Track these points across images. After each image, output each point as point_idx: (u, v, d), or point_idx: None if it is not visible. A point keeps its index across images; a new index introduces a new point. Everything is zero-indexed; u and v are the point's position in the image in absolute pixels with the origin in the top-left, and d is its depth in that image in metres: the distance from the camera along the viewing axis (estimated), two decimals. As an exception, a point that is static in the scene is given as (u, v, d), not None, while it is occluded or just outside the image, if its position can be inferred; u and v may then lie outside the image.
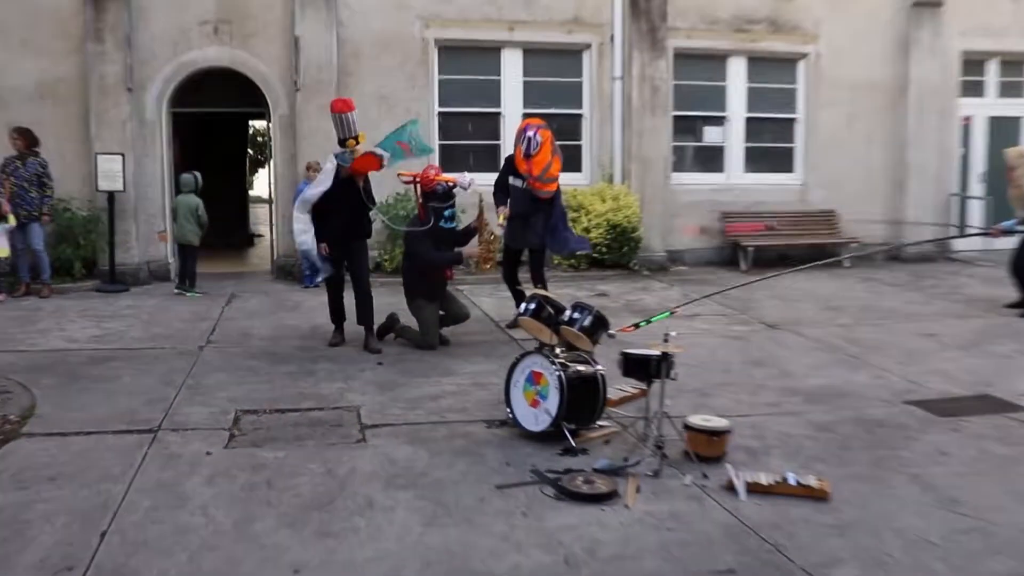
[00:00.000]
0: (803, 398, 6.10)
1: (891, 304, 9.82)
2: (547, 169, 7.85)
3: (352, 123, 7.06)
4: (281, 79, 11.44)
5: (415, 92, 11.84)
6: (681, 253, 13.03)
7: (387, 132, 11.46)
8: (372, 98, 11.67)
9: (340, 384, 6.35)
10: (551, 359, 5.11)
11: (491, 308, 9.50)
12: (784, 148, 13.57)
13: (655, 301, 10.02)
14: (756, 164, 13.49)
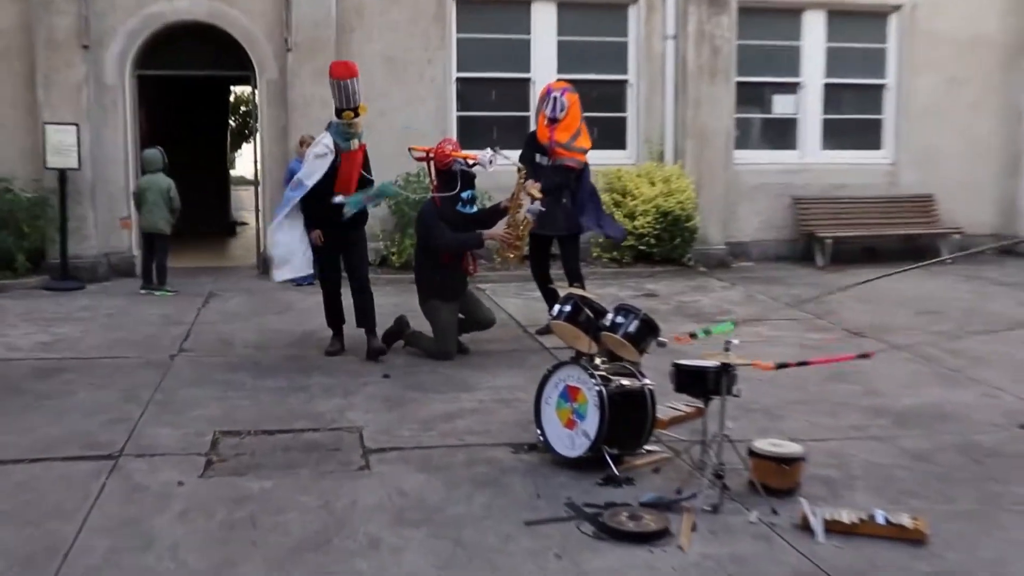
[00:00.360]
0: (894, 420, 6.08)
1: (1002, 307, 9.74)
2: (577, 135, 7.90)
3: (353, 92, 7.06)
4: (269, 36, 11.55)
5: (429, 54, 11.93)
6: (745, 246, 13.02)
7: (396, 102, 11.73)
8: (378, 60, 11.77)
9: (339, 400, 6.41)
10: (590, 371, 5.14)
11: (518, 311, 9.54)
12: (870, 120, 13.53)
13: (713, 303, 10.01)
14: (836, 140, 13.46)
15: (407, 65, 11.86)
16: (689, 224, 11.82)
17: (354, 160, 7.32)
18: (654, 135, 12.54)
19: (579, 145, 7.97)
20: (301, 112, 11.37)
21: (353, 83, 7.05)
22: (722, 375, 4.88)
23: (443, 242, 7.35)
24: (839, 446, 5.60)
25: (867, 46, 13.35)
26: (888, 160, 13.55)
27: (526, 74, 12.43)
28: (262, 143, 11.84)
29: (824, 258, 12.48)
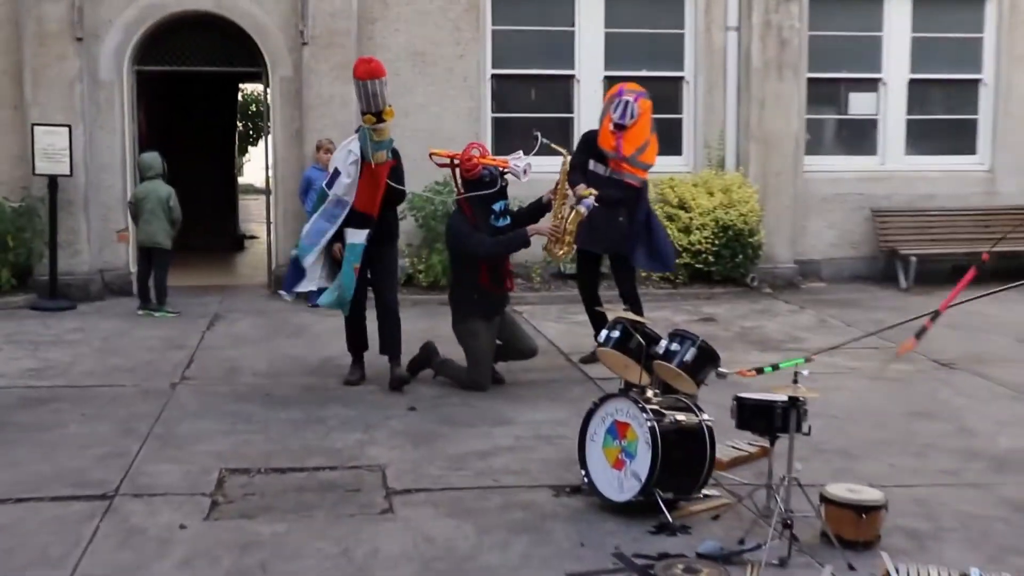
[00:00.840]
0: (990, 464, 6.06)
1: (1116, 336, 9.66)
2: (643, 149, 7.94)
3: (376, 94, 7.05)
4: (283, 28, 11.74)
5: (460, 48, 12.06)
6: (816, 264, 12.98)
7: (423, 100, 11.86)
8: (403, 55, 11.92)
9: (359, 435, 6.49)
10: (641, 405, 5.17)
11: (560, 336, 9.58)
12: (962, 121, 13.47)
13: (780, 329, 10.00)
14: (922, 143, 13.41)
15: (436, 60, 11.99)
16: (752, 239, 11.81)
17: (379, 174, 7.30)
18: (713, 139, 12.57)
19: (644, 160, 8.02)
20: (318, 113, 11.53)
21: (376, 84, 7.03)
22: (790, 410, 4.90)
23: (485, 249, 7.39)
24: (927, 493, 5.58)
25: (959, 36, 13.29)
26: (983, 166, 13.47)
27: (570, 71, 12.51)
28: (274, 148, 12.00)
29: (908, 279, 12.41)
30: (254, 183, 35.29)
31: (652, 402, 5.25)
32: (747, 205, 11.76)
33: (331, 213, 7.41)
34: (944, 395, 7.58)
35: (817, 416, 6.11)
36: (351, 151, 7.33)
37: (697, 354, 5.78)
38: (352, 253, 7.40)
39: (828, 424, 6.61)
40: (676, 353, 5.81)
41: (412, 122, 11.82)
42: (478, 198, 7.34)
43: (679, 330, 6.01)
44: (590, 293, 8.36)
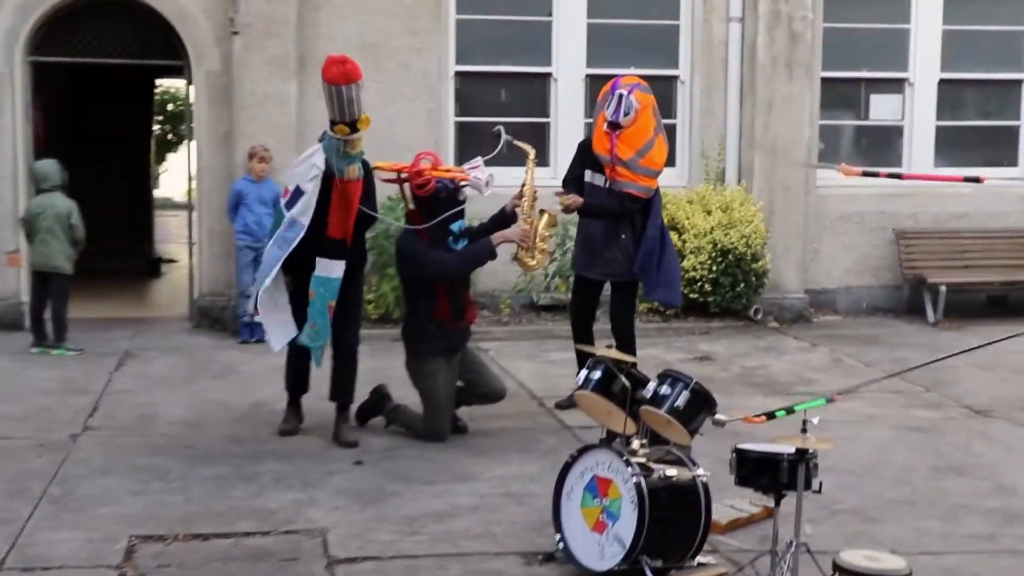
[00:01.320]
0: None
1: None
2: (645, 151, 7.91)
3: (354, 100, 7.01)
4: (209, 14, 11.79)
5: (419, 40, 12.15)
6: (830, 294, 13.11)
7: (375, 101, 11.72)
8: (352, 47, 11.88)
9: (296, 494, 6.50)
10: (626, 457, 5.23)
11: (531, 377, 9.65)
12: (1002, 128, 13.68)
13: (789, 370, 10.11)
14: (955, 154, 13.58)
15: (390, 54, 12.07)
16: (756, 265, 11.91)
17: (351, 192, 7.25)
18: (711, 147, 12.69)
19: (647, 165, 7.95)
20: (251, 114, 11.57)
21: (353, 89, 6.99)
22: (798, 464, 4.97)
23: (444, 267, 7.42)
24: (958, 562, 5.66)
25: (999, 29, 13.50)
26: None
27: (546, 68, 12.63)
28: (198, 155, 12.02)
29: (937, 311, 12.53)
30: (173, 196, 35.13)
31: (638, 454, 5.31)
32: (750, 225, 11.83)
33: (283, 238, 7.28)
34: (978, 447, 7.68)
35: (830, 471, 6.16)
36: (314, 164, 7.22)
37: (691, 399, 5.82)
38: (327, 289, 7.29)
39: (842, 480, 6.69)
40: (667, 397, 5.85)
41: (362, 125, 11.90)
42: (430, 213, 7.36)
43: (670, 371, 6.07)
44: (583, 325, 8.29)
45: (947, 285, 12.52)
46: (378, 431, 7.82)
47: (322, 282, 7.30)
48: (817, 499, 5.26)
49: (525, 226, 7.57)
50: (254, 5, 11.57)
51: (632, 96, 7.87)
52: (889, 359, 10.52)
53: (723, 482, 5.35)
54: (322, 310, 7.31)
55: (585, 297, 8.34)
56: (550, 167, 12.45)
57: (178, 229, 20.59)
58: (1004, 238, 13.28)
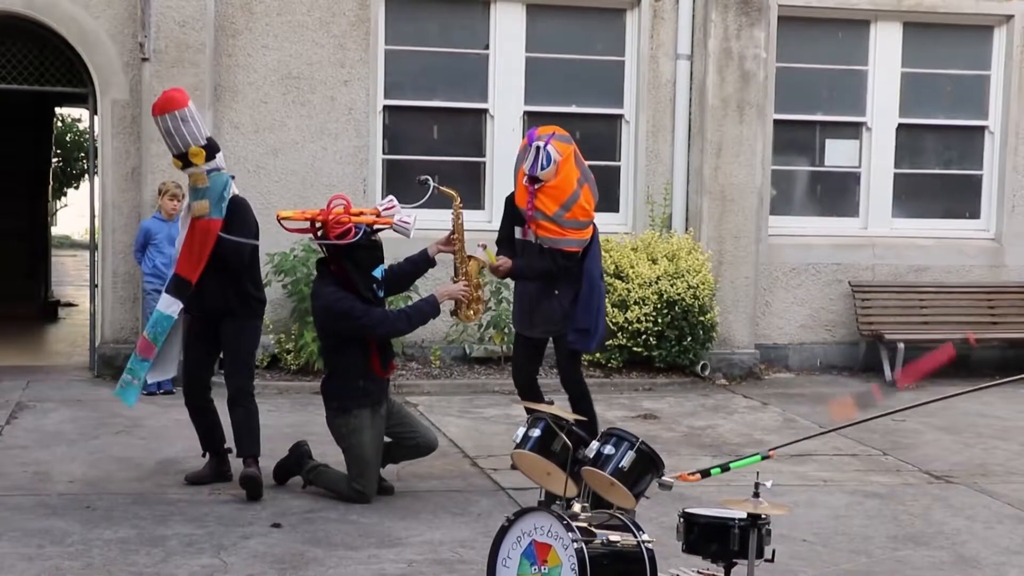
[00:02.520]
0: (992, 600, 6.25)
1: None
2: (571, 204, 7.96)
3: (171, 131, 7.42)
4: (117, 39, 11.76)
5: (346, 71, 12.19)
6: (782, 350, 13.23)
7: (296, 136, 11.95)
8: (274, 78, 12.00)
9: (208, 560, 6.43)
10: (566, 522, 5.25)
11: (464, 434, 9.64)
12: (964, 177, 13.90)
13: (738, 430, 10.19)
14: (914, 204, 13.83)
15: (315, 86, 12.10)
16: (704, 318, 12.00)
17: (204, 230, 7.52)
18: (657, 192, 12.80)
19: (574, 218, 7.92)
20: (163, 148, 11.08)
21: (167, 120, 7.40)
22: (750, 530, 5.02)
23: (390, 328, 7.51)
24: (914, 634, 5.74)
25: (961, 73, 13.77)
26: (988, 233, 13.91)
27: (482, 104, 12.70)
28: (103, 191, 11.94)
29: (894, 369, 12.68)
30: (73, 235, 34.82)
31: (580, 518, 5.32)
32: (698, 275, 11.92)
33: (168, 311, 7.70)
34: (938, 515, 7.75)
35: (783, 538, 6.24)
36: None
37: (636, 459, 5.87)
38: (155, 325, 7.64)
39: (796, 549, 6.74)
40: (610, 458, 5.89)
41: (283, 163, 11.91)
42: (353, 264, 7.38)
43: (613, 429, 6.11)
44: (526, 384, 8.27)
45: (905, 342, 12.65)
46: (297, 491, 7.77)
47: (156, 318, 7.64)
48: (769, 568, 5.31)
49: (465, 281, 7.67)
50: (166, 31, 11.54)
51: (550, 147, 7.84)
52: (878, 408, 10.59)
53: (670, 549, 5.38)
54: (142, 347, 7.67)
55: (526, 355, 8.33)
56: (485, 210, 12.52)
57: (77, 270, 20.40)
58: (965, 293, 13.49)
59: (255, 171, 11.83)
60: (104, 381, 11.57)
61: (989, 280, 13.66)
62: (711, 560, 5.22)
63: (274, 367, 11.48)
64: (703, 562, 5.47)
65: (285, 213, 7.65)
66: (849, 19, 13.39)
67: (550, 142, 7.87)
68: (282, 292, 11.55)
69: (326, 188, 11.74)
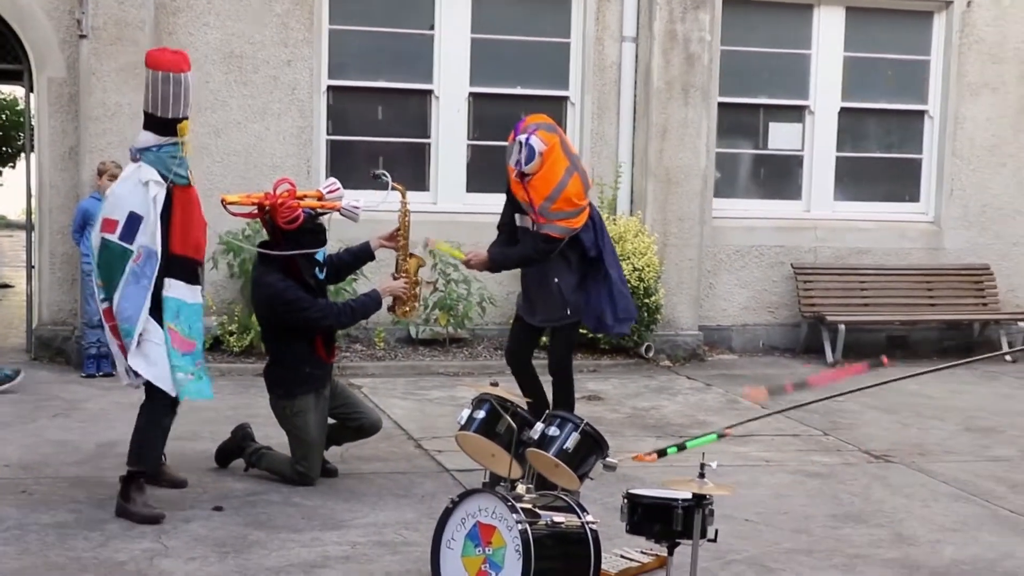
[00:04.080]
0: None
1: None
2: (556, 195, 7.77)
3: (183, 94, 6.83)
4: (53, 15, 11.63)
5: (289, 51, 12.12)
6: (725, 332, 13.33)
7: (239, 116, 11.87)
8: (216, 57, 11.91)
9: (148, 544, 6.39)
10: (510, 504, 5.26)
11: (408, 416, 9.65)
12: (904, 161, 14.05)
13: (682, 411, 10.26)
14: (855, 187, 13.99)
15: (258, 65, 12.02)
16: (649, 300, 12.05)
17: (195, 199, 7.06)
18: (605, 174, 12.82)
19: (559, 209, 7.77)
20: (102, 127, 11.40)
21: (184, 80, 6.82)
22: (694, 510, 5.05)
23: (332, 319, 7.46)
24: (855, 613, 5.80)
25: (902, 58, 13.93)
26: (927, 216, 14.10)
27: (427, 84, 12.67)
28: (39, 170, 11.81)
29: (836, 351, 12.83)
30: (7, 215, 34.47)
31: (524, 500, 5.34)
32: (644, 258, 11.98)
33: (137, 276, 6.82)
34: (877, 494, 7.86)
35: (726, 518, 6.29)
36: (150, 183, 6.84)
37: (580, 441, 5.89)
38: (196, 316, 7.01)
39: (738, 528, 6.81)
40: (554, 439, 5.91)
41: (225, 143, 11.83)
42: (298, 248, 7.31)
43: (558, 411, 6.13)
44: (522, 371, 8.21)
45: (846, 324, 12.84)
46: (239, 475, 7.73)
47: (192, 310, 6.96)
48: (712, 548, 5.35)
49: (403, 277, 7.69)
50: (105, 7, 11.41)
51: (533, 140, 7.71)
52: (786, 401, 10.69)
53: (614, 530, 5.41)
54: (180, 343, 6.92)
55: (524, 339, 8.26)
56: (429, 191, 12.53)
57: (14, 251, 20.19)
58: (905, 275, 13.67)
59: (196, 151, 11.54)
60: (41, 363, 11.49)
61: (928, 263, 13.84)
62: (655, 540, 5.25)
63: (216, 349, 11.40)
64: (647, 542, 5.51)
65: (231, 198, 7.54)
66: (793, 3, 13.50)
67: (534, 134, 7.73)
68: (226, 273, 11.49)
69: (269, 169, 11.70)
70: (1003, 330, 13.51)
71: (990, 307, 13.62)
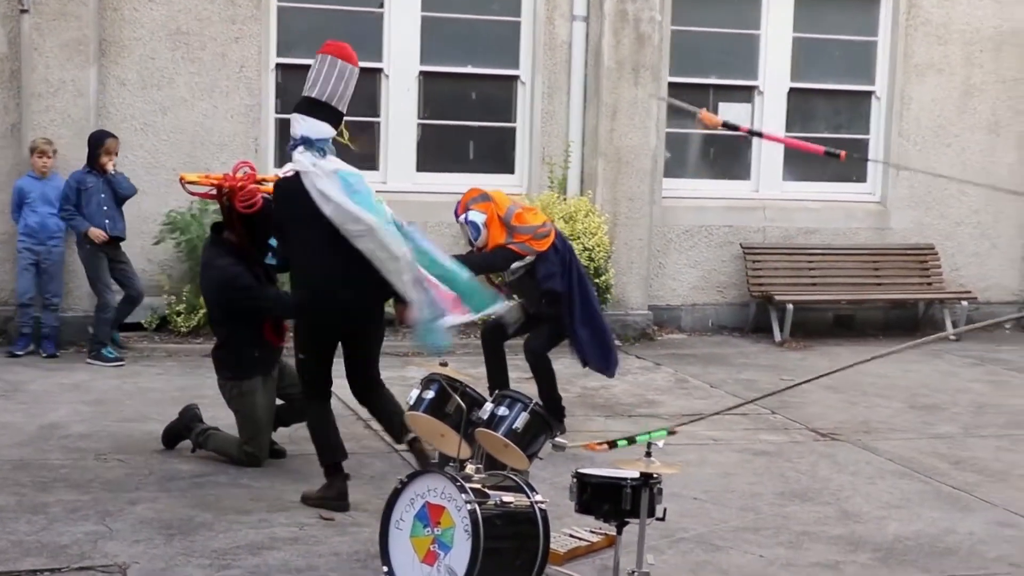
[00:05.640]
0: (877, 555, 6.37)
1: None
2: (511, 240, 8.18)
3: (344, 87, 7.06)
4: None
5: (237, 28, 11.99)
6: (675, 311, 13.37)
7: (186, 94, 11.72)
8: (161, 34, 11.74)
9: (92, 527, 6.34)
10: (459, 484, 5.26)
11: (355, 396, 9.63)
12: (851, 141, 14.11)
13: (631, 391, 10.29)
14: (804, 168, 14.02)
15: (204, 42, 11.87)
16: (600, 280, 12.04)
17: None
18: (555, 155, 12.81)
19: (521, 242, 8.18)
20: (44, 104, 11.23)
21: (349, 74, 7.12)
22: (642, 490, 5.06)
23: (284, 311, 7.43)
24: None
25: (850, 39, 13.99)
26: (874, 196, 14.19)
27: (376, 63, 12.55)
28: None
29: (784, 330, 12.91)
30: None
31: (473, 480, 5.34)
32: (594, 238, 11.96)
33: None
34: (824, 472, 7.93)
35: (674, 497, 6.32)
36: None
37: (529, 421, 5.90)
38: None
39: (686, 507, 6.84)
40: (504, 419, 5.92)
41: (172, 121, 11.68)
42: (253, 231, 7.29)
43: (507, 391, 6.13)
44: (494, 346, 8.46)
45: (794, 303, 12.91)
46: (185, 456, 7.69)
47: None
48: (660, 526, 5.37)
49: None
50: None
51: (472, 214, 8.17)
52: (734, 379, 10.80)
53: (563, 509, 5.42)
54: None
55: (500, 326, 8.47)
56: (379, 170, 12.47)
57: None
58: (852, 255, 13.75)
59: (142, 129, 11.62)
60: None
61: (875, 243, 13.94)
62: (603, 520, 5.27)
63: (164, 329, 11.32)
64: (596, 522, 5.53)
65: (190, 176, 7.55)
66: (742, -16, 13.54)
67: (471, 209, 8.16)
68: (174, 252, 11.39)
69: (216, 147, 11.62)
70: (947, 309, 13.64)
71: (935, 286, 13.73)
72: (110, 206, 10.62)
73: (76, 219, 10.56)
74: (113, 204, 10.64)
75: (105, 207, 10.60)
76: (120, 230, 10.70)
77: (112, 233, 10.59)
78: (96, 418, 8.59)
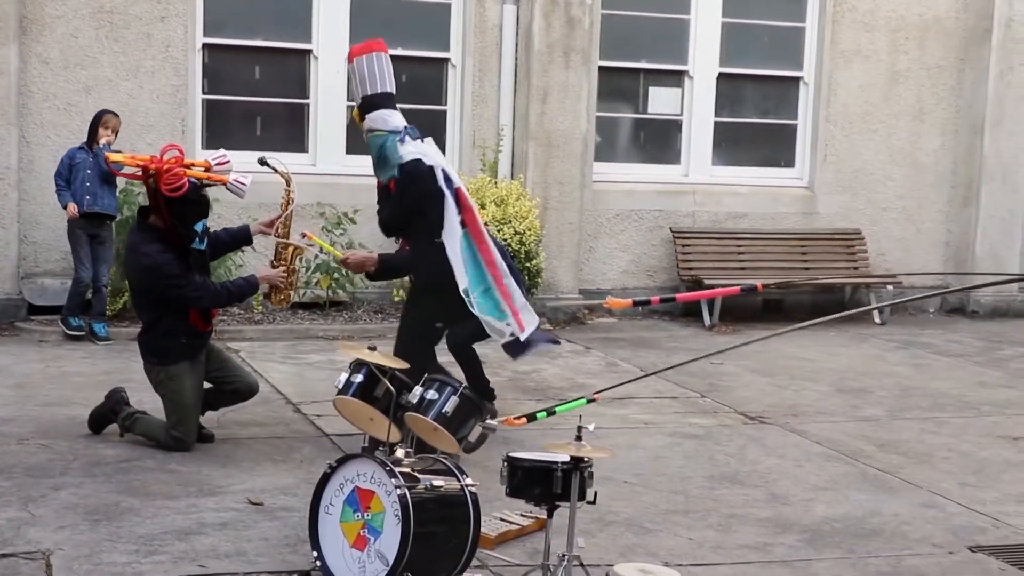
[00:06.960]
0: (804, 537, 6.43)
1: (948, 385, 10.45)
2: None
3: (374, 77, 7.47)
4: None
5: (162, 6, 11.86)
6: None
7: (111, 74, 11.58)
8: (85, 12, 11.60)
9: (15, 512, 6.26)
10: (389, 468, 5.24)
11: (286, 380, 9.58)
12: (780, 127, 14.24)
13: (561, 374, 10.32)
14: (733, 152, 14.15)
15: (129, 21, 11.74)
16: (531, 264, 12.06)
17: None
18: (486, 138, 12.81)
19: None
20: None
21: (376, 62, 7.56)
22: (572, 473, 5.08)
23: (207, 300, 7.40)
24: (731, 573, 5.87)
25: (778, 24, 14.10)
26: (801, 181, 14.30)
27: (305, 44, 12.50)
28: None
29: (713, 314, 12.99)
30: None
31: (403, 464, 5.33)
32: (525, 221, 11.97)
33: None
34: (752, 455, 8.00)
35: (604, 481, 6.34)
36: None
37: (459, 404, 5.90)
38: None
39: (617, 490, 6.88)
40: (433, 403, 5.91)
41: (96, 101, 11.52)
42: (179, 216, 7.20)
43: (435, 375, 6.12)
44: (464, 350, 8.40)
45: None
46: (111, 441, 7.60)
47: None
48: (591, 510, 5.39)
49: (284, 267, 7.68)
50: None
51: None
52: (664, 363, 10.84)
53: (494, 493, 5.42)
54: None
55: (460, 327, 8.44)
56: (308, 153, 12.40)
57: None
58: (780, 239, 13.87)
59: (66, 109, 11.49)
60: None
61: (802, 227, 14.08)
62: (534, 503, 5.28)
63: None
64: (527, 505, 5.54)
65: (116, 157, 7.50)
66: (672, -32, 13.57)
67: None
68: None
69: (142, 128, 11.50)
70: (873, 293, 13.81)
71: (861, 271, 13.88)
72: (93, 182, 10.63)
73: (64, 194, 10.66)
74: (97, 180, 10.61)
75: (88, 183, 10.62)
76: (104, 207, 10.74)
77: (90, 209, 10.62)
78: (19, 402, 8.51)
